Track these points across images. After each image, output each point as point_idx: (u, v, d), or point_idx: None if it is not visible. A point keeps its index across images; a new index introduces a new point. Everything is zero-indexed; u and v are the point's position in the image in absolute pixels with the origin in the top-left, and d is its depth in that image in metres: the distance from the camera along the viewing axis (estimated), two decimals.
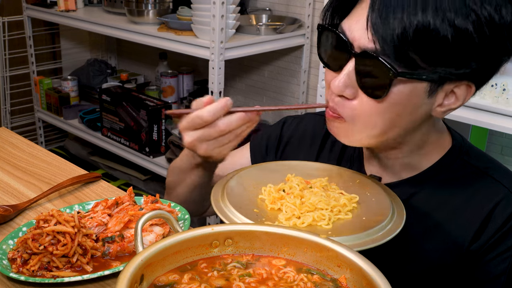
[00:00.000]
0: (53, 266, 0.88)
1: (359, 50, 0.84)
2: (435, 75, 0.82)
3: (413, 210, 0.96)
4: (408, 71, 0.82)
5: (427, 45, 0.79)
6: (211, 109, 0.90)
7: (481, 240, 0.93)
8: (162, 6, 2.63)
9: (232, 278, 0.70)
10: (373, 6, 0.81)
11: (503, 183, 0.95)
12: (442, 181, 0.98)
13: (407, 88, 0.84)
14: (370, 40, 0.82)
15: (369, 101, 0.86)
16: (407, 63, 0.81)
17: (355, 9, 0.88)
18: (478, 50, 0.80)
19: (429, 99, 0.86)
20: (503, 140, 2.17)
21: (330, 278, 0.71)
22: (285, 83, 2.81)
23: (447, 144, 0.99)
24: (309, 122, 1.17)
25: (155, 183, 3.07)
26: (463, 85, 0.86)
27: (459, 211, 0.95)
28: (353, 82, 0.86)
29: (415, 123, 0.91)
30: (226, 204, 0.87)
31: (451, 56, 0.80)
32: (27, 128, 3.48)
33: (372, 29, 0.81)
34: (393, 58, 0.81)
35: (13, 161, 1.34)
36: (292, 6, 2.66)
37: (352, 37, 0.85)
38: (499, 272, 0.93)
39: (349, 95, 0.87)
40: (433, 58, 0.80)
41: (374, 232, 0.81)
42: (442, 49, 0.79)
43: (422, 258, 0.97)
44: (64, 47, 3.57)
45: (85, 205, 1.10)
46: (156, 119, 2.66)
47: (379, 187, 0.94)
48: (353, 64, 0.85)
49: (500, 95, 1.57)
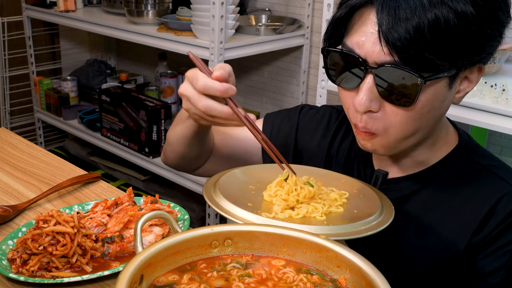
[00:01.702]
0: (53, 266, 0.88)
1: (375, 65, 0.84)
2: (453, 69, 0.84)
3: (417, 204, 0.98)
4: (431, 74, 0.83)
5: (442, 43, 0.80)
6: (206, 83, 0.90)
7: (483, 233, 0.94)
8: (161, 7, 2.63)
9: (231, 279, 0.70)
10: (380, 19, 0.81)
11: (507, 180, 0.96)
12: (446, 177, 0.99)
13: (432, 89, 0.85)
14: (386, 54, 0.82)
15: (398, 110, 0.86)
16: (428, 66, 0.82)
17: (356, 23, 0.87)
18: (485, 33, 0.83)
19: (449, 91, 0.88)
20: (502, 140, 2.17)
21: (329, 279, 0.71)
22: (285, 83, 2.81)
23: (453, 141, 1.01)
24: (325, 113, 1.18)
25: (154, 183, 3.07)
26: (475, 68, 0.89)
27: (463, 206, 0.96)
28: (376, 95, 0.86)
29: (441, 116, 0.93)
30: (220, 199, 0.87)
31: (466, 48, 0.82)
32: (26, 128, 3.48)
33: (387, 42, 0.81)
34: (414, 65, 0.81)
35: (12, 161, 1.34)
36: (291, 7, 2.67)
37: (364, 53, 0.85)
38: (499, 266, 0.93)
39: (375, 109, 0.87)
40: (449, 54, 0.82)
41: (368, 222, 0.82)
42: (456, 43, 0.81)
43: (425, 252, 0.98)
44: (64, 48, 3.57)
45: (84, 206, 1.10)
46: (156, 120, 2.66)
47: (364, 185, 0.96)
48: (372, 79, 0.85)
49: (500, 95, 1.57)
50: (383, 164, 1.04)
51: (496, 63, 1.74)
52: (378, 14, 0.82)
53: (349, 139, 1.11)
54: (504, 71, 1.82)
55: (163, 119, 2.68)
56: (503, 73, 1.81)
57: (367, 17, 0.85)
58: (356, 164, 1.08)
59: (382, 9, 0.81)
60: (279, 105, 2.86)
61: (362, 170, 1.07)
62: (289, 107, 2.94)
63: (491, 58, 0.91)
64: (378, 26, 0.82)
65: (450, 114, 1.56)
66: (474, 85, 0.91)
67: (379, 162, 1.05)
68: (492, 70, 1.76)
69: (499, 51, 1.69)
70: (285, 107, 2.82)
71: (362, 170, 1.07)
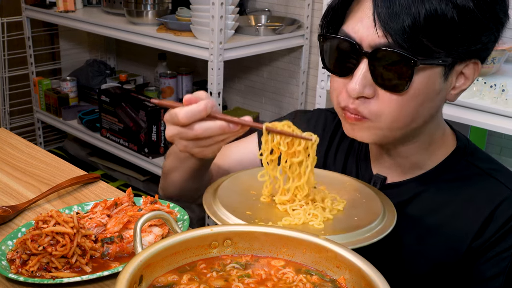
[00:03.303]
0: (52, 266, 0.88)
1: (370, 48, 0.85)
2: (449, 58, 0.84)
3: (417, 209, 0.97)
4: (426, 58, 0.83)
5: (438, 31, 0.81)
6: (187, 112, 0.86)
7: (482, 239, 0.93)
8: (161, 7, 2.63)
9: (231, 279, 0.70)
10: (376, 6, 0.82)
11: (507, 185, 0.96)
12: (446, 181, 0.98)
13: (426, 76, 0.85)
14: (381, 36, 0.83)
15: (391, 96, 0.86)
16: (422, 51, 0.82)
17: (353, 11, 0.88)
18: (482, 24, 0.84)
19: (444, 83, 0.88)
20: (502, 140, 2.17)
21: (329, 279, 0.71)
22: (284, 83, 2.81)
23: (451, 144, 1.00)
24: (319, 118, 1.17)
25: (154, 184, 3.07)
26: (471, 63, 0.88)
27: (462, 210, 0.96)
28: (370, 81, 0.86)
29: (435, 110, 0.92)
30: (219, 208, 0.87)
31: (462, 36, 0.83)
32: (26, 128, 3.48)
33: (382, 25, 0.82)
34: (409, 48, 0.82)
35: (12, 161, 1.34)
36: (291, 7, 2.67)
37: (359, 37, 0.86)
38: (498, 271, 0.93)
39: (369, 95, 0.87)
40: (445, 42, 0.83)
41: (367, 231, 0.82)
42: (452, 32, 0.82)
43: (424, 257, 0.97)
44: (63, 48, 3.57)
45: (84, 206, 1.10)
46: (155, 120, 2.66)
47: (368, 189, 0.95)
48: (366, 64, 0.85)
49: (499, 95, 1.57)
50: (381, 168, 1.03)
51: (496, 63, 1.74)
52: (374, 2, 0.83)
53: (346, 142, 1.10)
54: (504, 72, 1.82)
55: (162, 120, 2.68)
56: (503, 73, 1.81)
57: (364, 4, 0.86)
58: (355, 168, 1.08)
59: None
60: (279, 105, 2.86)
61: (360, 174, 1.06)
62: (288, 107, 2.94)
63: (489, 58, 0.91)
64: (373, 10, 0.83)
65: (449, 114, 1.56)
66: (470, 83, 0.91)
67: (377, 166, 1.04)
68: (492, 70, 1.76)
69: (499, 51, 1.69)
70: (284, 107, 2.83)
71: (360, 174, 1.06)
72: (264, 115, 2.91)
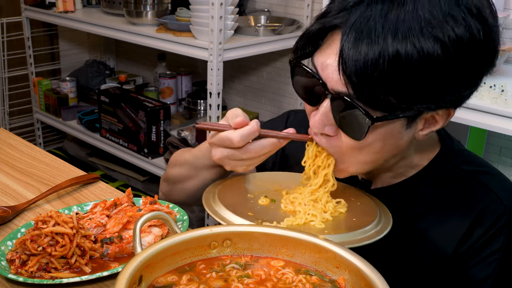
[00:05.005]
0: (52, 267, 0.88)
1: (333, 91, 0.82)
2: (411, 112, 0.81)
3: (402, 214, 0.96)
4: (384, 115, 0.80)
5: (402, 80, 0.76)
6: (242, 135, 0.89)
7: (468, 243, 0.93)
8: (160, 7, 2.63)
9: (230, 279, 0.70)
10: (342, 48, 0.78)
11: (491, 187, 0.94)
12: (430, 186, 0.97)
13: (384, 128, 0.83)
14: (343, 84, 0.79)
15: (351, 140, 0.85)
16: (382, 104, 0.79)
17: (327, 41, 0.84)
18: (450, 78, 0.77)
19: (408, 130, 0.85)
20: (501, 141, 2.17)
21: (328, 279, 0.71)
22: (284, 84, 2.81)
23: (436, 148, 0.99)
24: None
25: (153, 184, 3.07)
26: (442, 110, 0.84)
27: (447, 215, 0.95)
28: (331, 120, 0.85)
29: (401, 148, 0.90)
30: (220, 208, 0.87)
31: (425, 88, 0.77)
32: (25, 129, 3.48)
33: (344, 72, 0.78)
34: (368, 102, 0.79)
35: (11, 162, 1.34)
36: (290, 7, 2.67)
37: (325, 76, 0.83)
38: (485, 275, 0.92)
39: (330, 133, 0.87)
40: (407, 94, 0.78)
41: (368, 230, 0.83)
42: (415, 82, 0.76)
43: (411, 262, 0.97)
44: (63, 48, 3.57)
45: (83, 206, 1.10)
46: (155, 120, 2.66)
47: (361, 193, 0.96)
48: (329, 104, 0.84)
49: (499, 96, 1.57)
50: (366, 174, 1.02)
51: None
52: (342, 42, 0.78)
53: None
54: (503, 72, 1.83)
55: (162, 120, 2.68)
56: (502, 73, 1.81)
57: (335, 39, 0.82)
58: None
59: (347, 37, 0.77)
60: (278, 105, 2.86)
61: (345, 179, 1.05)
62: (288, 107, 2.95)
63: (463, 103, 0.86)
64: (339, 54, 0.78)
65: None
66: (442, 125, 0.87)
67: None
68: None
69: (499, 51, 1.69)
70: (284, 107, 2.83)
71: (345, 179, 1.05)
72: (264, 115, 2.91)
